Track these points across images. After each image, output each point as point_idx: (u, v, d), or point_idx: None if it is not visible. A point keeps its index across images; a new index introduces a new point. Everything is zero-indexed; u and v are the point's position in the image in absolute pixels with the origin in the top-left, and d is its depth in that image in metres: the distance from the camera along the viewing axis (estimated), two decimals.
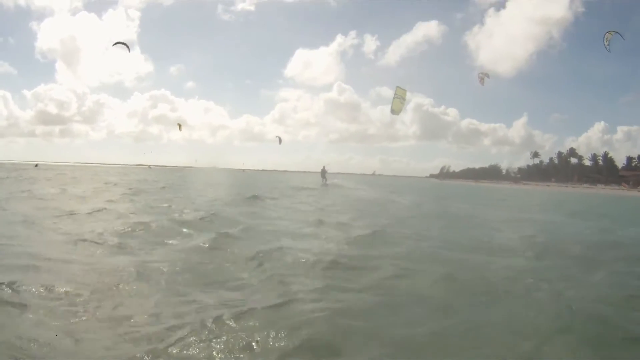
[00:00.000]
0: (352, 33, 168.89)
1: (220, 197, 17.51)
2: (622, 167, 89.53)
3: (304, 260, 6.11)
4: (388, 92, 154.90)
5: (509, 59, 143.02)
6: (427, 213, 15.10)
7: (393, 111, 19.22)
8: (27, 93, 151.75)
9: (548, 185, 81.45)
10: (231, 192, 20.61)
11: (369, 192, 29.03)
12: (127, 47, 26.34)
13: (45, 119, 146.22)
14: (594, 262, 6.86)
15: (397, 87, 19.86)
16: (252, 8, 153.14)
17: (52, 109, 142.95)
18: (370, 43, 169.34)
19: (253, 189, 22.39)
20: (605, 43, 23.05)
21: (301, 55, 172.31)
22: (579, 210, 19.62)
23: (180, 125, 28.08)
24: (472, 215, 14.50)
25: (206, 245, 6.99)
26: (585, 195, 48.29)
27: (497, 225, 11.61)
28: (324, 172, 36.04)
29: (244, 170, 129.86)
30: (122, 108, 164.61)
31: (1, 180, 24.61)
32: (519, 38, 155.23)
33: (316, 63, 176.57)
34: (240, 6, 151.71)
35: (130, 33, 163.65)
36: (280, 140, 48.21)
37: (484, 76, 26.52)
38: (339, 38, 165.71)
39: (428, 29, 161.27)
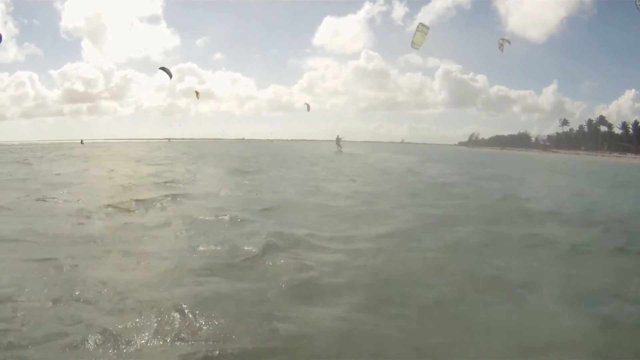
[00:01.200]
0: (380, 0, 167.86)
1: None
2: None
3: None
4: (417, 59, 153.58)
5: (538, 24, 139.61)
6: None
7: (414, 44, 18.96)
8: (54, 73, 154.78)
9: (577, 154, 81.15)
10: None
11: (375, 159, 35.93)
12: (169, 73, 28.08)
13: (72, 97, 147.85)
14: None
15: (420, 23, 19.77)
16: None
17: (79, 87, 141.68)
18: (399, 9, 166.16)
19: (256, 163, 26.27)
20: (638, 3, 21.53)
21: (329, 23, 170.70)
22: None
23: (197, 93, 29.67)
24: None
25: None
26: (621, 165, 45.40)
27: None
28: (338, 141, 43.13)
29: (272, 140, 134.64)
30: (149, 83, 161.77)
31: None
32: (549, 2, 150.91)
33: (344, 31, 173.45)
34: None
35: (155, 7, 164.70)
36: (308, 108, 49.10)
37: (504, 42, 25.67)
38: (367, 5, 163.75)
39: None
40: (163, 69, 27.17)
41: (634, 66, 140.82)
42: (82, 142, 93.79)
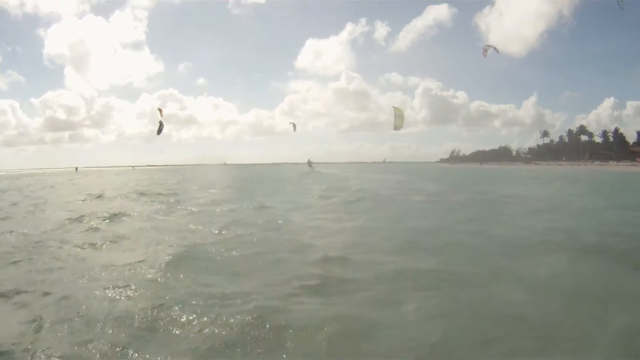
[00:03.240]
0: (363, 20, 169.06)
1: None
2: (633, 142, 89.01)
3: None
4: (398, 78, 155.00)
5: (519, 39, 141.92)
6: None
7: (396, 127, 20.81)
8: (35, 101, 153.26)
9: (560, 165, 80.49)
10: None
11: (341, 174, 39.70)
12: (161, 125, 26.73)
13: (54, 125, 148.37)
14: None
15: (394, 107, 21.99)
16: (263, 1, 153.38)
17: (61, 115, 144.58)
18: (381, 29, 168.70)
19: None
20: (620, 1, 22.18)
21: (312, 45, 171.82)
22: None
23: (160, 111, 27.19)
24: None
25: None
26: (604, 173, 45.18)
27: None
28: (310, 163, 50.34)
29: (254, 165, 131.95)
30: (131, 110, 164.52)
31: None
32: (529, 17, 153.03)
33: (327, 53, 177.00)
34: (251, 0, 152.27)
35: (138, 34, 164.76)
36: (294, 127, 48.43)
37: (488, 48, 25.64)
38: (349, 26, 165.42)
39: (439, 12, 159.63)
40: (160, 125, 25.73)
41: (612, 74, 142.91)
42: (76, 169, 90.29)
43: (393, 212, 11.47)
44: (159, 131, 25.64)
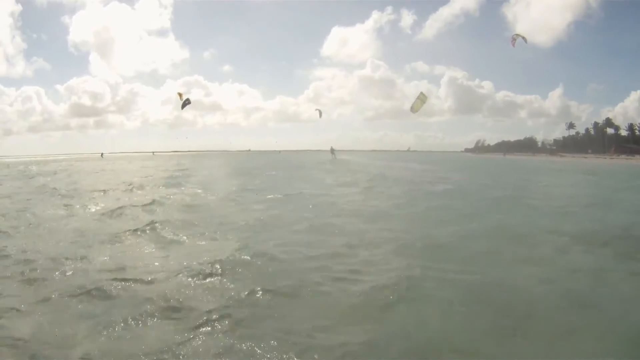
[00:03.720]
0: (389, 9, 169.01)
1: None
2: None
3: None
4: (423, 67, 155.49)
5: (546, 29, 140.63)
6: None
7: (412, 109, 20.73)
8: (60, 87, 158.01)
9: (585, 157, 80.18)
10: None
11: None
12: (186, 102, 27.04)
13: (79, 111, 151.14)
14: None
15: (421, 92, 21.88)
16: None
17: (86, 101, 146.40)
18: (407, 18, 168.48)
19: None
20: None
21: (337, 33, 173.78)
22: None
23: (180, 95, 28.96)
24: None
25: None
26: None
27: None
28: (332, 150, 52.44)
29: (279, 151, 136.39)
30: (155, 96, 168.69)
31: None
32: (556, 8, 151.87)
33: (352, 41, 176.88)
34: None
35: (163, 20, 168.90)
36: (320, 114, 48.10)
37: (517, 37, 24.66)
38: (375, 14, 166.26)
39: (466, 1, 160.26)
40: (187, 102, 27.23)
41: (639, 68, 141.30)
42: (102, 156, 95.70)
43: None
44: (184, 105, 26.92)
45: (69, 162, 55.57)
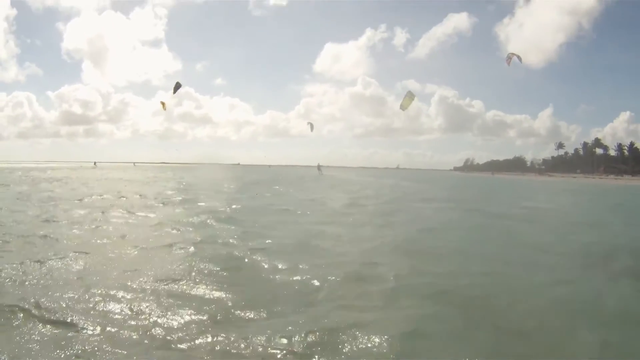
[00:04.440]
0: (382, 26, 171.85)
1: None
2: None
3: None
4: (415, 85, 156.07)
5: (538, 50, 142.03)
6: None
7: (402, 106, 20.93)
8: (51, 94, 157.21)
9: (574, 177, 79.77)
10: None
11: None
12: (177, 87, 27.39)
13: (70, 119, 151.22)
14: None
15: (409, 91, 22.02)
16: (284, 3, 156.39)
17: (77, 109, 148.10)
18: (401, 36, 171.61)
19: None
20: None
21: (330, 49, 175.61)
22: None
23: (163, 104, 28.14)
24: None
25: None
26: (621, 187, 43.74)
27: None
28: (319, 167, 57.90)
29: (270, 166, 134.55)
30: (147, 106, 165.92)
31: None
32: (549, 29, 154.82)
33: (345, 57, 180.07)
34: (272, 1, 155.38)
35: (157, 31, 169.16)
36: (312, 127, 48.04)
37: (512, 56, 24.04)
38: (369, 32, 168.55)
39: (459, 21, 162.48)
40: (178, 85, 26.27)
41: (629, 88, 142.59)
42: (95, 164, 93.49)
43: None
44: (175, 89, 26.11)
45: (63, 170, 53.11)
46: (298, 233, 8.43)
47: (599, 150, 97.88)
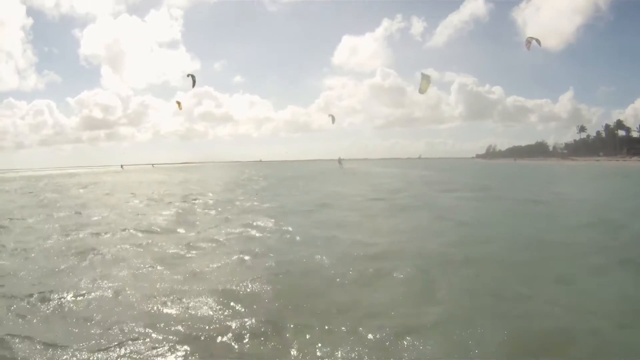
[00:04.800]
0: (399, 16, 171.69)
1: None
2: None
3: None
4: (433, 74, 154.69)
5: (556, 33, 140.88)
6: None
7: (421, 90, 21.36)
8: (71, 100, 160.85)
9: (597, 160, 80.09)
10: None
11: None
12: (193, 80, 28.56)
13: (90, 124, 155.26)
14: None
15: (422, 73, 22.64)
16: None
17: (98, 114, 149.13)
18: (417, 25, 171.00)
19: None
20: None
21: (347, 41, 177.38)
22: None
23: (179, 103, 30.13)
24: None
25: None
26: None
27: None
28: (340, 160, 61.44)
29: (292, 162, 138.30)
30: (166, 108, 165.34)
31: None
32: (566, 11, 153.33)
33: (363, 49, 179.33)
34: None
35: (174, 32, 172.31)
36: (333, 120, 46.46)
37: (532, 40, 24.11)
38: (386, 22, 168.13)
39: (475, 7, 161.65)
40: (191, 77, 28.61)
41: None
42: (122, 167, 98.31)
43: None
44: (194, 82, 28.72)
45: (96, 174, 56.85)
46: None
47: (621, 132, 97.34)
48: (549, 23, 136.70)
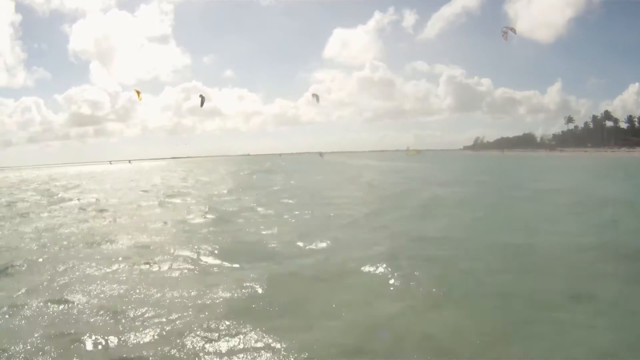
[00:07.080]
0: (391, 9, 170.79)
1: None
2: None
3: None
4: (424, 67, 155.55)
5: (547, 26, 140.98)
6: None
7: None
8: (59, 97, 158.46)
9: (585, 151, 79.65)
10: None
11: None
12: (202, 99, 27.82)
13: (79, 120, 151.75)
14: None
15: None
16: None
17: (86, 110, 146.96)
18: (409, 17, 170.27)
19: None
20: None
21: (339, 35, 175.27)
22: None
23: (139, 93, 28.34)
24: None
25: None
26: None
27: None
28: (321, 154, 68.85)
29: (280, 154, 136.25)
30: (155, 103, 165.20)
31: None
32: (557, 4, 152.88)
33: (354, 42, 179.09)
34: None
35: (164, 27, 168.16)
36: (318, 99, 45.10)
37: (507, 30, 23.55)
38: (377, 15, 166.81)
39: (468, 0, 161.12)
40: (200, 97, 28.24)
41: (638, 60, 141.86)
42: (110, 163, 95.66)
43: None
44: (202, 103, 27.36)
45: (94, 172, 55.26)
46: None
47: (608, 123, 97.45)
48: (540, 16, 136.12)
